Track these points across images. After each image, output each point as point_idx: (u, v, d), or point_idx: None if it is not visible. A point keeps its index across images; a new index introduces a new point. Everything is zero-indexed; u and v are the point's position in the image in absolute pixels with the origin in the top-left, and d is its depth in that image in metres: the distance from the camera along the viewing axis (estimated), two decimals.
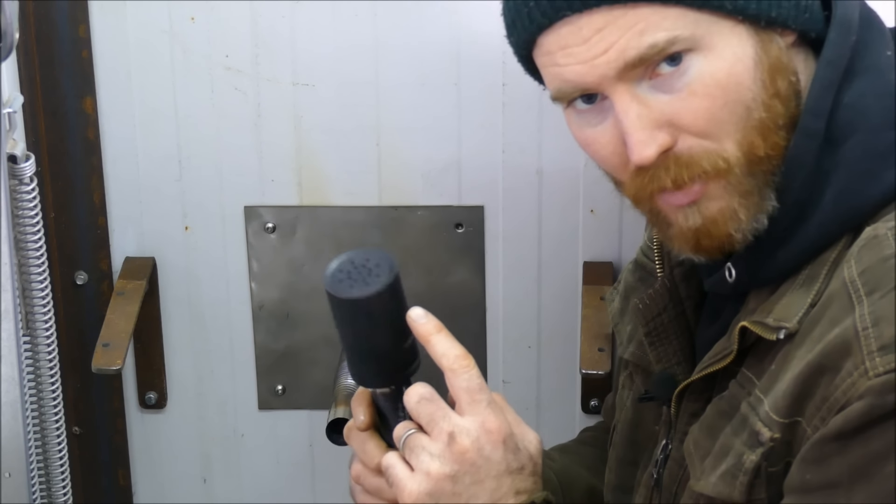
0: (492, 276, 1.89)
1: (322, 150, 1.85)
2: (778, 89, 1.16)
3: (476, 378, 1.23)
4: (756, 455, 1.16)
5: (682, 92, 1.15)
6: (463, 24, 1.78)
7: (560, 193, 1.85)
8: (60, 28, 1.79)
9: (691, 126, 1.16)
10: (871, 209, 1.16)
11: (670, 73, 1.15)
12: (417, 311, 1.23)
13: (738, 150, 1.16)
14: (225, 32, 1.80)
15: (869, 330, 1.08)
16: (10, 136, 1.48)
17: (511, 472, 1.24)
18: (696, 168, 1.16)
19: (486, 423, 1.22)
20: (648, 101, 1.16)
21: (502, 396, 1.27)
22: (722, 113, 1.15)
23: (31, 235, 1.57)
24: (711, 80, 1.14)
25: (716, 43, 1.14)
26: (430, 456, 1.21)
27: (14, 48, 1.29)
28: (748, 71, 1.15)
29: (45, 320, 1.62)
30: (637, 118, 1.15)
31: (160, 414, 1.99)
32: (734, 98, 1.15)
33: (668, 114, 1.16)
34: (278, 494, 2.02)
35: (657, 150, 1.15)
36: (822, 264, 1.17)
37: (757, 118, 1.16)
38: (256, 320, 1.94)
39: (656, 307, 1.35)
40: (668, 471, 1.32)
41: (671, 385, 1.32)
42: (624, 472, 1.43)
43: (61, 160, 1.85)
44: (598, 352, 1.77)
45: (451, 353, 1.23)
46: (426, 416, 1.23)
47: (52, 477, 1.69)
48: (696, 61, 1.14)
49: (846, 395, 1.08)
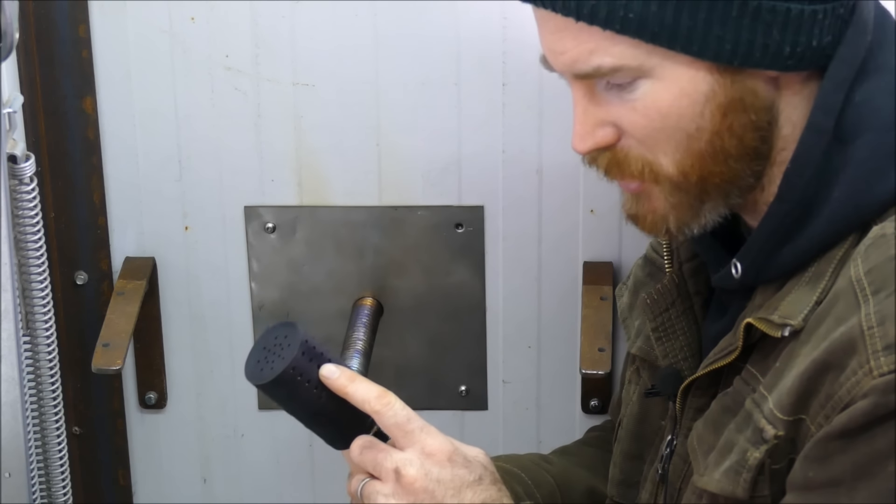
0: (492, 276, 1.89)
1: (322, 150, 1.85)
2: (730, 125, 1.18)
3: (401, 410, 1.26)
4: (760, 452, 1.16)
5: (627, 104, 1.19)
6: (463, 24, 1.77)
7: (560, 193, 1.85)
8: (60, 28, 1.79)
9: (631, 133, 1.21)
10: (879, 208, 1.17)
11: (625, 84, 1.19)
12: (327, 367, 1.26)
13: (673, 167, 1.20)
14: (225, 32, 1.80)
15: (874, 329, 1.08)
16: (10, 136, 1.48)
17: (470, 485, 1.25)
18: (626, 170, 1.22)
19: (426, 448, 1.25)
20: (601, 98, 1.21)
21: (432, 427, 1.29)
22: (659, 135, 1.19)
23: (31, 235, 1.57)
24: (653, 105, 1.18)
25: (667, 76, 1.17)
26: (384, 497, 1.24)
27: (14, 48, 1.29)
28: (694, 105, 1.18)
29: (45, 320, 1.62)
30: (583, 113, 1.22)
31: (160, 414, 1.99)
32: (673, 125, 1.19)
33: (612, 115, 1.21)
34: (278, 494, 2.02)
35: (591, 146, 1.22)
36: (829, 262, 1.18)
37: (697, 148, 1.19)
38: (256, 320, 1.94)
39: (664, 302, 1.36)
40: (673, 466, 1.32)
41: (677, 380, 1.33)
42: (629, 466, 1.43)
43: (61, 160, 1.85)
44: (598, 352, 1.77)
45: (371, 396, 1.25)
46: (371, 462, 1.26)
47: (52, 477, 1.69)
48: (645, 85, 1.18)
49: (850, 394, 1.09)
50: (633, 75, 1.18)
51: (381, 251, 1.88)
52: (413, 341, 1.92)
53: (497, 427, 1.95)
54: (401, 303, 1.90)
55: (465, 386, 1.93)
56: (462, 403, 1.94)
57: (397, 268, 1.89)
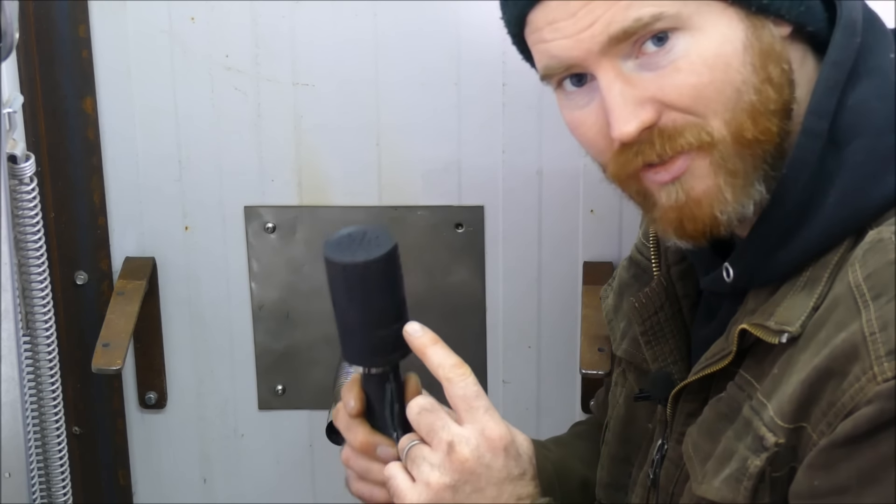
0: (492, 276, 1.89)
1: (322, 150, 1.85)
2: (769, 75, 1.16)
3: (472, 385, 1.24)
4: (760, 460, 1.15)
5: (666, 69, 1.14)
6: (463, 24, 1.78)
7: (560, 193, 1.85)
8: (60, 28, 1.79)
9: (676, 102, 1.15)
10: (874, 212, 1.16)
11: (656, 52, 1.15)
12: (413, 325, 1.25)
13: (725, 128, 1.15)
14: (225, 32, 1.80)
15: (877, 335, 1.07)
16: (10, 136, 1.48)
17: (512, 479, 1.24)
18: (679, 140, 1.15)
19: (486, 431, 1.23)
20: (633, 78, 1.15)
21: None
22: (708, 91, 1.14)
23: (31, 235, 1.57)
24: (698, 59, 1.14)
25: (703, 23, 1.14)
26: (430, 466, 1.22)
27: (14, 48, 1.29)
28: (737, 53, 1.14)
29: (45, 320, 1.62)
30: (620, 95, 1.15)
31: (160, 414, 1.99)
32: (721, 78, 1.14)
33: (652, 90, 1.15)
34: (278, 494, 2.02)
35: (638, 125, 1.15)
36: (825, 267, 1.17)
37: (747, 101, 1.15)
38: (256, 320, 1.94)
39: (652, 306, 1.34)
40: (665, 471, 1.32)
41: (668, 385, 1.32)
42: (616, 469, 1.43)
43: (61, 160, 1.85)
44: (598, 352, 1.77)
45: (447, 363, 1.24)
46: (426, 427, 1.23)
47: (52, 477, 1.69)
48: (683, 40, 1.14)
49: (854, 400, 1.08)
50: (672, 24, 1.13)
51: None
52: None
53: None
54: None
55: None
56: None
57: None
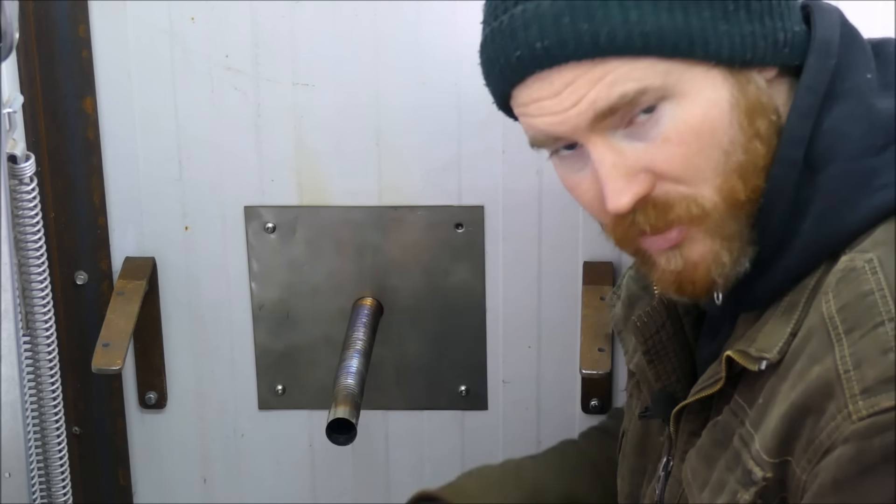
0: (492, 276, 1.89)
1: (322, 150, 1.85)
2: (757, 130, 1.16)
3: None
4: (749, 494, 1.16)
5: (656, 140, 1.15)
6: (463, 25, 1.77)
7: (560, 193, 1.84)
8: (60, 28, 1.79)
9: (667, 172, 1.16)
10: (848, 237, 1.15)
11: (645, 121, 1.15)
12: None
13: (717, 195, 1.16)
14: (225, 32, 1.80)
15: (851, 373, 1.07)
16: (10, 136, 1.48)
17: None
18: (671, 214, 1.16)
19: None
20: (624, 149, 1.16)
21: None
22: (697, 159, 1.15)
23: (31, 235, 1.57)
24: (685, 127, 1.14)
25: (689, 89, 1.14)
26: None
27: (14, 48, 1.29)
28: (724, 115, 1.15)
29: (45, 320, 1.62)
30: (612, 167, 1.15)
31: (160, 414, 1.99)
32: (709, 143, 1.15)
33: (643, 161, 1.15)
34: (278, 494, 2.02)
35: (632, 198, 1.15)
36: (802, 292, 1.17)
37: (735, 161, 1.16)
38: (256, 320, 1.94)
39: (654, 325, 1.34)
40: (669, 489, 1.32)
41: (670, 403, 1.31)
42: (635, 480, 1.43)
43: (61, 160, 1.85)
44: (598, 352, 1.77)
45: None
46: None
47: (52, 477, 1.69)
48: (670, 108, 1.14)
49: (831, 438, 1.07)
50: (657, 96, 1.14)
51: (380, 251, 1.88)
52: (413, 341, 1.92)
53: (497, 427, 1.95)
54: (401, 303, 1.90)
55: (465, 386, 1.93)
56: (462, 403, 1.94)
57: (397, 268, 1.89)
